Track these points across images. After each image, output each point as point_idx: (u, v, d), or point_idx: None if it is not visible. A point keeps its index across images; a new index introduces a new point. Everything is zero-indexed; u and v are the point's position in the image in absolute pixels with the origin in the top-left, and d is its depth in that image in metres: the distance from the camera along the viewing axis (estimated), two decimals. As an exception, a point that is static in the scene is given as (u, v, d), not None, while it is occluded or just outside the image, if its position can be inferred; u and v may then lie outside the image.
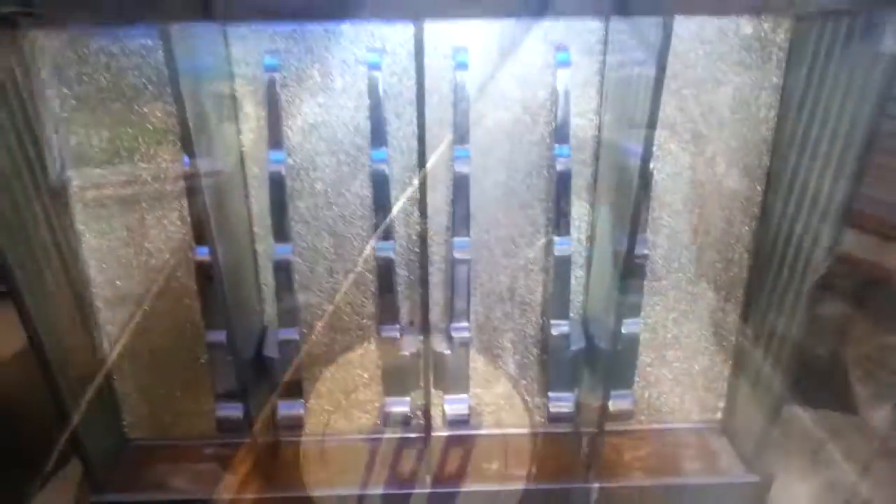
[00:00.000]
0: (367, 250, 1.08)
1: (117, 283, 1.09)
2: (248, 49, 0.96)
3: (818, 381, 1.58)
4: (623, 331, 1.04)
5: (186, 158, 0.90)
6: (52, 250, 1.01)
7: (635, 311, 1.07)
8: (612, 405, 1.10)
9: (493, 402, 1.21)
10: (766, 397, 1.11)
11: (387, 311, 1.07)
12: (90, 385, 1.10)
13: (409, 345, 1.08)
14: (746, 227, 1.10)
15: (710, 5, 0.75)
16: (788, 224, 1.03)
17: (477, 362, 1.18)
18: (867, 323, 1.77)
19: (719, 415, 1.24)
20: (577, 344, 1.09)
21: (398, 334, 1.08)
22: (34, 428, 1.41)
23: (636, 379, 1.17)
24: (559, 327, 1.09)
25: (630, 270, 0.98)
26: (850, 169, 0.91)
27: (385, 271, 1.04)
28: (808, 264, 1.00)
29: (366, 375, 1.18)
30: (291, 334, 1.07)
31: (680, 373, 1.20)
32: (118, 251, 1.07)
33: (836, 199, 0.94)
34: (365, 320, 1.13)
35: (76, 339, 1.07)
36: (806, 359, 1.09)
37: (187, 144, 0.87)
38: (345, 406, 1.20)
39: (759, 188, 1.07)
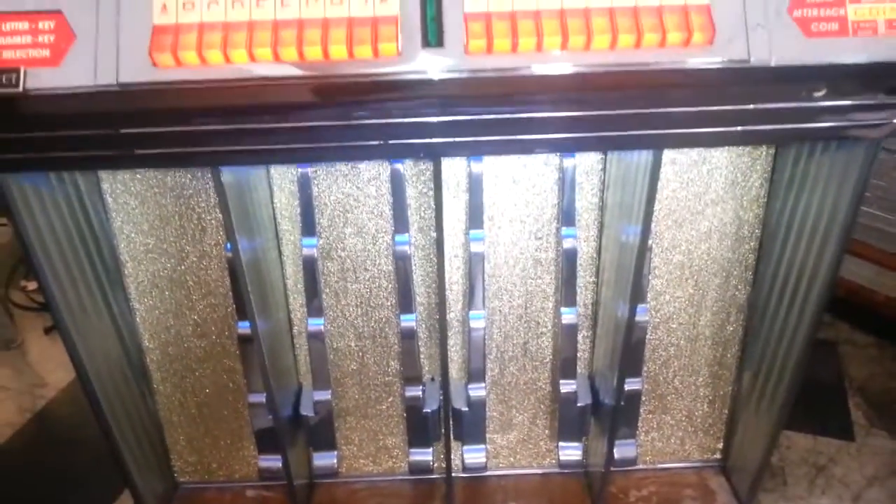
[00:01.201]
0: (392, 318, 1.19)
1: (168, 349, 1.21)
2: (282, 148, 1.06)
3: (815, 410, 1.68)
4: (626, 388, 1.15)
5: (229, 245, 1.01)
6: (108, 322, 1.13)
7: (637, 370, 1.18)
8: (617, 453, 1.21)
9: (508, 447, 1.32)
10: (761, 439, 1.21)
11: (410, 374, 1.18)
12: (144, 435, 1.23)
13: (431, 402, 1.19)
14: (740, 292, 1.19)
15: (694, 140, 0.84)
16: (780, 289, 1.12)
17: (493, 412, 1.29)
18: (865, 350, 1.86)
19: (718, 455, 1.34)
20: (584, 400, 1.20)
21: (421, 393, 1.19)
22: (96, 474, 1.54)
23: (640, 425, 1.28)
24: (567, 385, 1.19)
25: (631, 335, 1.08)
26: (834, 241, 0.99)
27: (408, 339, 1.15)
28: (799, 325, 1.09)
29: (391, 424, 1.29)
30: (325, 395, 1.18)
31: (681, 419, 1.30)
32: (168, 322, 1.19)
33: (822, 268, 1.03)
34: (390, 377, 1.24)
35: (131, 396, 1.18)
36: (801, 395, 1.17)
37: (230, 232, 0.98)
38: (373, 452, 1.31)
39: (751, 258, 1.16)
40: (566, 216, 1.10)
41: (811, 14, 0.70)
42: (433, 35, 0.69)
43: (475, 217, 1.09)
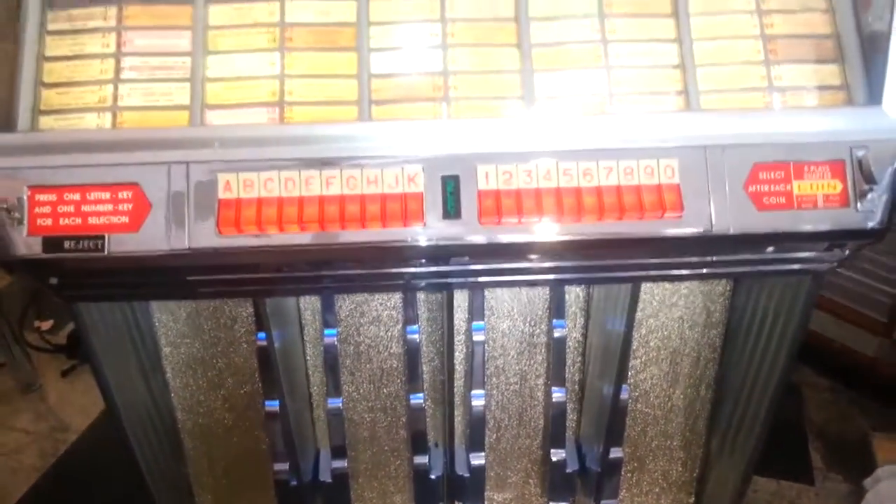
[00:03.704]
0: (400, 394, 1.33)
1: (199, 420, 1.35)
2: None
3: (780, 453, 1.84)
4: (610, 456, 1.30)
5: (261, 335, 1.14)
6: (146, 396, 1.26)
7: (619, 441, 1.33)
8: (601, 511, 1.36)
9: (503, 502, 1.47)
10: (727, 494, 1.37)
11: (417, 444, 1.32)
12: (175, 491, 1.36)
13: (436, 468, 1.34)
14: (709, 370, 1.35)
15: (665, 277, 1.00)
16: (744, 368, 1.28)
17: (490, 472, 1.43)
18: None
19: (689, 508, 1.51)
20: (572, 466, 1.35)
21: (426, 460, 1.33)
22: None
23: (620, 483, 1.44)
24: (557, 454, 1.34)
25: (616, 413, 1.24)
26: (791, 333, 1.15)
27: (416, 416, 1.29)
28: (762, 400, 1.25)
29: (399, 483, 1.44)
30: (342, 464, 1.33)
31: (657, 477, 1.46)
32: (199, 397, 1.32)
33: (782, 352, 1.19)
34: (398, 444, 1.39)
35: (164, 458, 1.32)
36: (768, 438, 1.33)
37: (263, 326, 1.11)
38: (382, 508, 1.46)
39: (718, 341, 1.32)
40: (557, 308, 1.25)
41: (763, 189, 0.85)
42: (452, 208, 0.83)
43: (477, 311, 1.23)
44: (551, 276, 0.94)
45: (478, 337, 1.25)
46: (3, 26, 0.89)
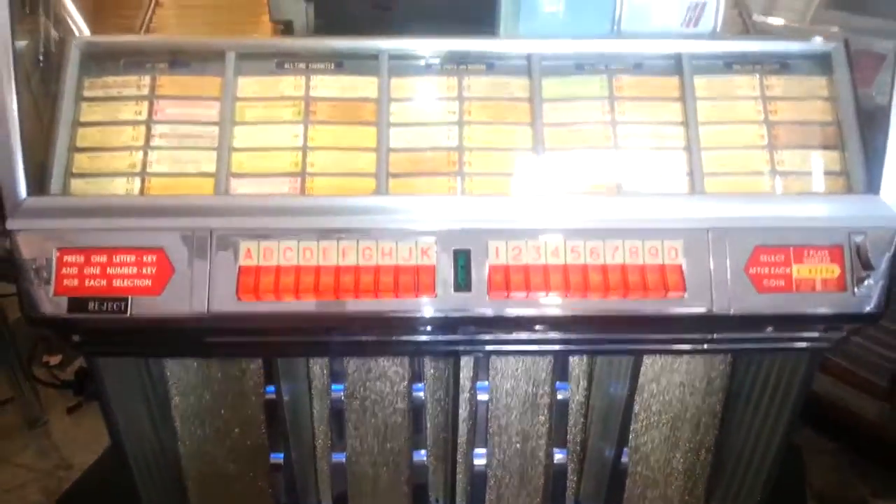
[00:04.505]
0: (403, 449, 1.35)
1: (203, 468, 1.36)
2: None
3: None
4: (610, 516, 1.32)
5: (270, 388, 1.17)
6: (155, 444, 1.28)
7: (619, 502, 1.34)
8: (600, 571, 1.37)
9: (503, 559, 1.48)
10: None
11: (418, 500, 1.33)
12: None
13: (437, 524, 1.35)
14: (709, 435, 1.36)
15: (667, 350, 1.03)
16: (744, 433, 1.30)
17: (491, 528, 1.44)
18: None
19: (688, 570, 1.51)
20: (572, 527, 1.36)
21: (428, 516, 1.34)
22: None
23: (620, 545, 1.44)
24: (557, 512, 1.35)
25: (616, 473, 1.25)
26: (790, 402, 1.17)
27: (418, 471, 1.31)
28: (762, 464, 1.26)
29: (400, 537, 1.45)
30: (343, 517, 1.34)
31: (656, 539, 1.47)
32: (206, 446, 1.34)
33: (783, 416, 1.21)
34: (399, 499, 1.40)
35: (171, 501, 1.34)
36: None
37: (271, 378, 1.14)
38: (383, 560, 1.47)
39: (718, 407, 1.34)
40: (560, 372, 1.27)
41: (763, 272, 0.89)
42: (462, 281, 0.87)
43: (482, 372, 1.26)
44: (556, 347, 0.97)
45: (482, 396, 1.27)
46: (28, 72, 0.93)
